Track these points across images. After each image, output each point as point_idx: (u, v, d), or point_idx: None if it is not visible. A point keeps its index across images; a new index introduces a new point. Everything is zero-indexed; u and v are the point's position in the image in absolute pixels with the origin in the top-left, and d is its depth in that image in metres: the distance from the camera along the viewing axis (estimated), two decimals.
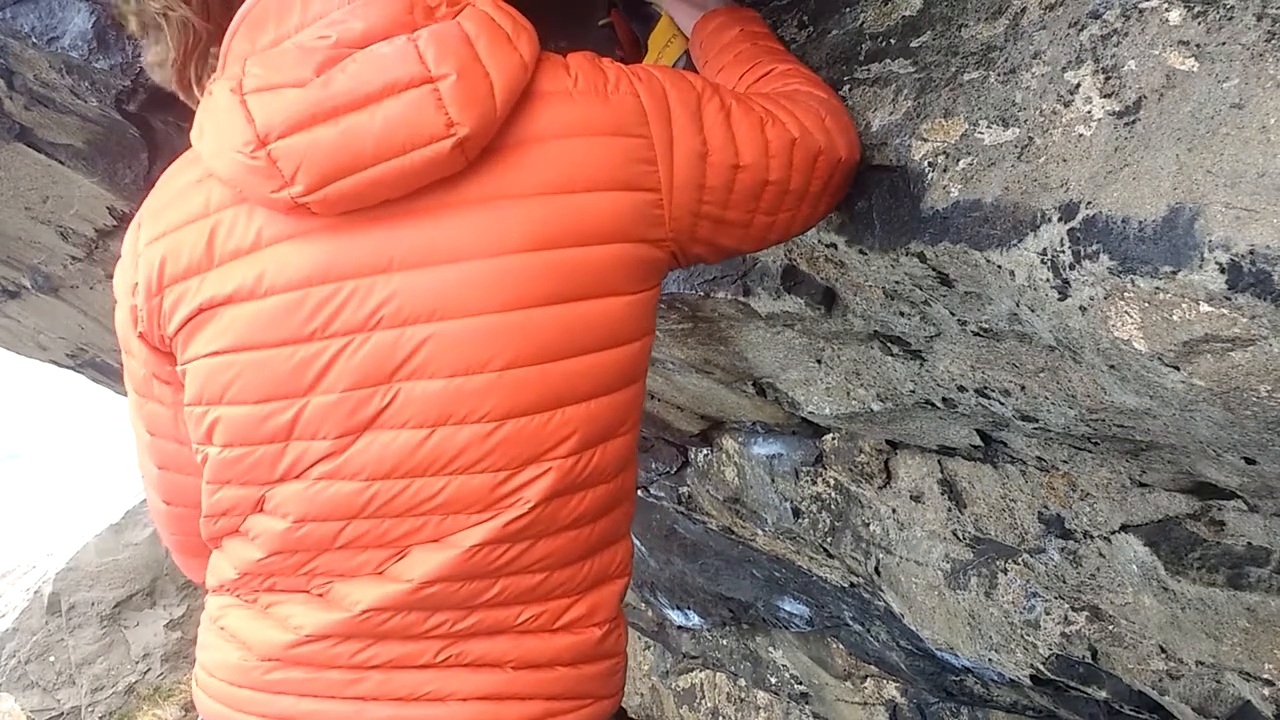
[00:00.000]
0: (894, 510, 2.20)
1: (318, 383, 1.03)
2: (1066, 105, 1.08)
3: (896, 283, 1.36)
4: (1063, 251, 1.06)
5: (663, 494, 3.06)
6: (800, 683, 3.54)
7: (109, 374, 4.05)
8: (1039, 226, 1.08)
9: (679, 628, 3.91)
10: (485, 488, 1.06)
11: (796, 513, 2.46)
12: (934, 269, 1.25)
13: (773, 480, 2.48)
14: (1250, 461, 1.29)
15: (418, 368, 1.01)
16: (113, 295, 1.18)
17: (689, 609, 3.68)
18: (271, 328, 1.02)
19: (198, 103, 1.07)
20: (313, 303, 1.00)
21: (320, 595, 1.13)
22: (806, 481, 2.41)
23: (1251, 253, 0.90)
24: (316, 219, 0.99)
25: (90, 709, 5.72)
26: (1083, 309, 1.07)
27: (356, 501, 1.07)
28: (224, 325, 1.04)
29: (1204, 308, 0.96)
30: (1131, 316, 1.03)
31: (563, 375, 1.04)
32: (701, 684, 4.15)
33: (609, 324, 1.05)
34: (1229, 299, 0.93)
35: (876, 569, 2.32)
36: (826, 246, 1.42)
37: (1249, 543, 1.59)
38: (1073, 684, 2.02)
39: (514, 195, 0.99)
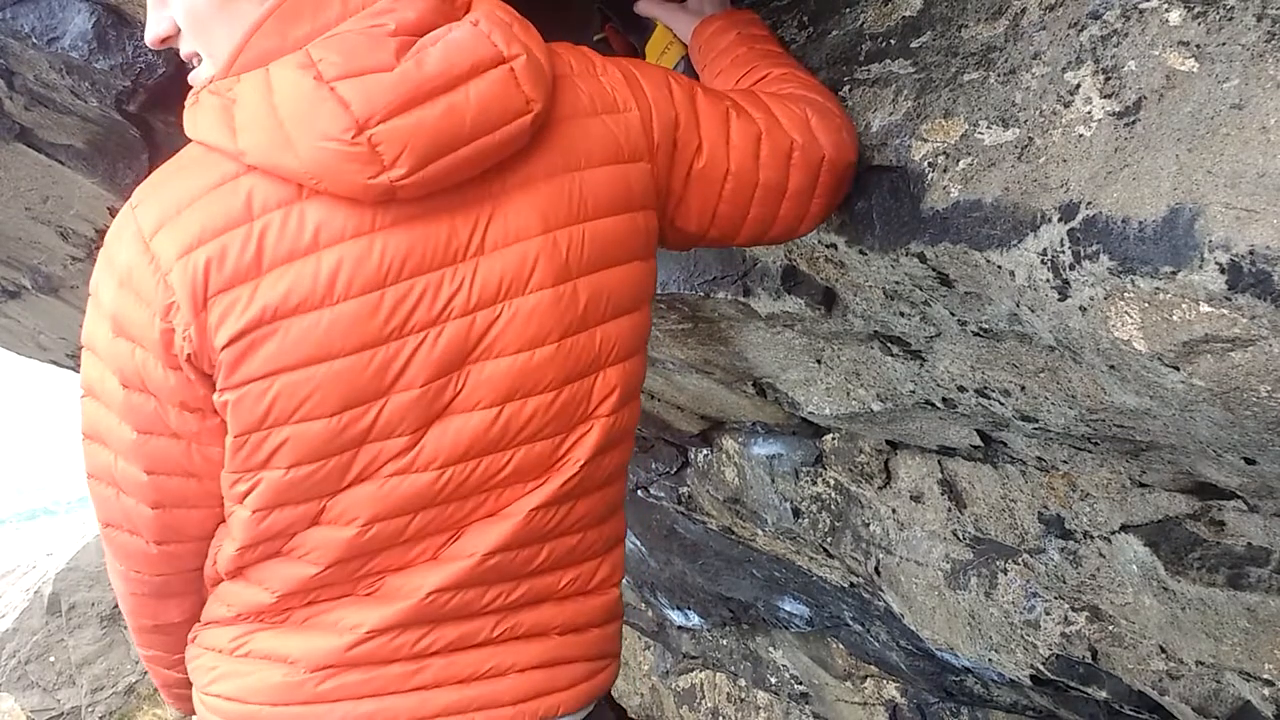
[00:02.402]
0: (894, 510, 2.20)
1: (396, 381, 1.01)
2: (1066, 106, 1.08)
3: (896, 283, 1.36)
4: (1063, 252, 1.06)
5: (663, 494, 3.06)
6: (800, 683, 3.54)
7: None
8: (1039, 227, 1.08)
9: (679, 628, 3.91)
10: (545, 453, 1.11)
11: (796, 513, 2.46)
12: (934, 269, 1.25)
13: (773, 480, 2.48)
14: (1250, 462, 1.29)
15: (486, 349, 1.04)
16: (112, 329, 1.03)
17: (689, 609, 3.68)
18: (351, 334, 0.98)
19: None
20: (390, 303, 0.99)
21: (369, 595, 1.11)
22: (806, 481, 2.41)
23: (1251, 253, 0.90)
24: (381, 215, 0.98)
25: (90, 709, 5.72)
26: (1083, 309, 1.07)
27: (430, 491, 1.07)
28: (293, 339, 0.97)
29: (1204, 308, 0.96)
30: (1131, 317, 1.03)
31: (604, 338, 1.11)
32: (701, 684, 4.15)
33: (634, 287, 1.13)
34: (1229, 299, 0.93)
35: (876, 569, 2.32)
36: (826, 247, 1.42)
37: (1249, 543, 1.59)
38: (1073, 684, 2.02)
39: (555, 173, 1.05)
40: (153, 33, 1.06)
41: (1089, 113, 1.06)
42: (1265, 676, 1.63)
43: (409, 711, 1.13)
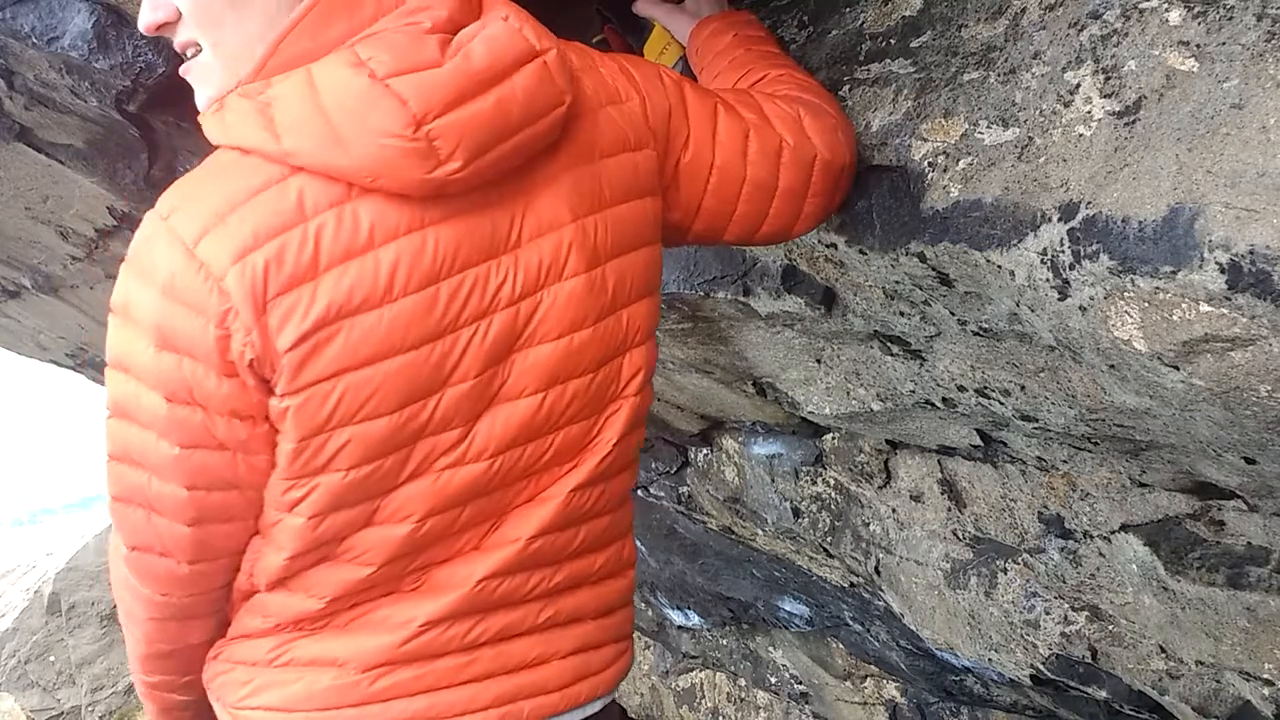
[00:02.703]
0: (894, 510, 2.20)
1: (452, 374, 1.02)
2: (1066, 105, 1.08)
3: (896, 283, 1.36)
4: (1063, 251, 1.06)
5: (663, 494, 3.06)
6: (800, 682, 3.54)
7: None
8: (1039, 226, 1.08)
9: (679, 628, 3.91)
10: (581, 434, 1.14)
11: (796, 512, 2.46)
12: (934, 269, 1.25)
13: (773, 480, 2.48)
14: (1250, 461, 1.29)
15: (530, 336, 1.06)
16: (155, 343, 0.97)
17: (689, 609, 3.68)
18: (411, 329, 0.99)
19: None
20: (445, 296, 1.00)
21: (415, 590, 1.11)
22: (806, 481, 2.41)
23: (1251, 253, 0.90)
24: (431, 210, 0.98)
25: (90, 709, 5.72)
26: (1083, 309, 1.07)
27: (481, 480, 1.08)
28: (357, 337, 0.97)
29: (1204, 308, 0.96)
30: (1131, 316, 1.03)
31: (630, 319, 1.14)
32: (701, 684, 4.15)
33: (650, 270, 1.16)
34: (1229, 299, 0.93)
35: (876, 569, 2.32)
36: (826, 246, 1.42)
37: (1249, 542, 1.59)
38: (1073, 684, 2.02)
39: (576, 164, 1.08)
40: (149, 19, 1.03)
41: (1089, 112, 1.06)
42: (1265, 676, 1.63)
43: (461, 705, 1.14)
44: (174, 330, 0.96)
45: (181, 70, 1.07)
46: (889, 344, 1.61)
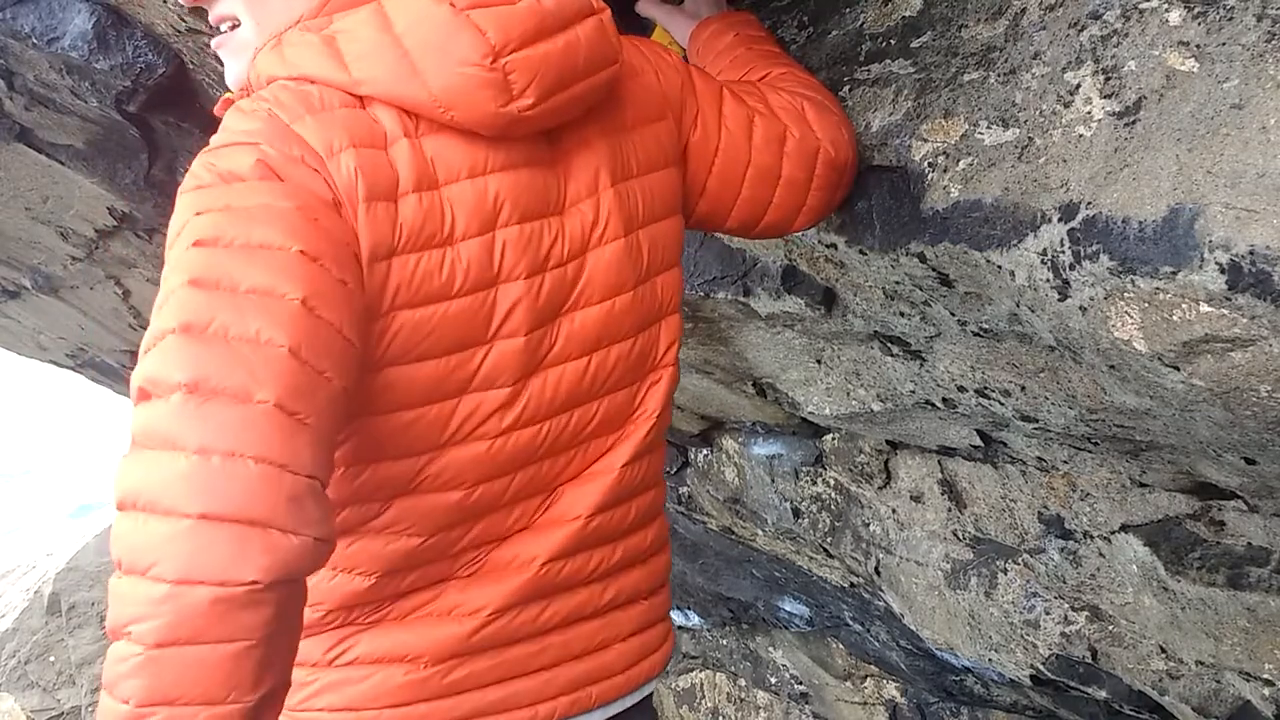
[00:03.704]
0: (894, 510, 2.20)
1: (501, 327, 1.01)
2: (1066, 106, 1.08)
3: (896, 283, 1.36)
4: (1063, 252, 1.06)
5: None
6: (800, 682, 3.55)
7: (109, 374, 4.05)
8: (1039, 227, 1.08)
9: (679, 628, 3.91)
10: (625, 403, 1.13)
11: (796, 513, 2.46)
12: (934, 269, 1.25)
13: (773, 480, 2.48)
14: (1250, 461, 1.29)
15: (576, 300, 1.06)
16: (267, 175, 0.87)
17: (689, 609, 3.68)
18: (469, 274, 0.97)
19: None
20: (500, 245, 0.99)
21: (472, 575, 1.09)
22: (806, 482, 2.41)
23: (1251, 253, 0.90)
24: (492, 156, 0.98)
25: (90, 709, 5.72)
26: (1083, 309, 1.07)
27: (531, 447, 1.06)
28: (421, 274, 0.95)
29: (1204, 308, 0.96)
30: (1132, 317, 1.03)
31: (663, 286, 1.15)
32: (701, 684, 4.15)
33: (676, 239, 1.17)
34: (1229, 299, 0.93)
35: (876, 569, 2.32)
36: (826, 247, 1.42)
37: (1249, 543, 1.59)
38: (1073, 684, 2.02)
39: (609, 132, 1.08)
40: None
41: (1089, 113, 1.06)
42: (1265, 676, 1.64)
43: (533, 694, 1.13)
44: (285, 172, 0.88)
45: (215, 43, 1.06)
46: (889, 344, 1.61)
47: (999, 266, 1.15)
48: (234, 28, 1.03)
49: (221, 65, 1.08)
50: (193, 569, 0.77)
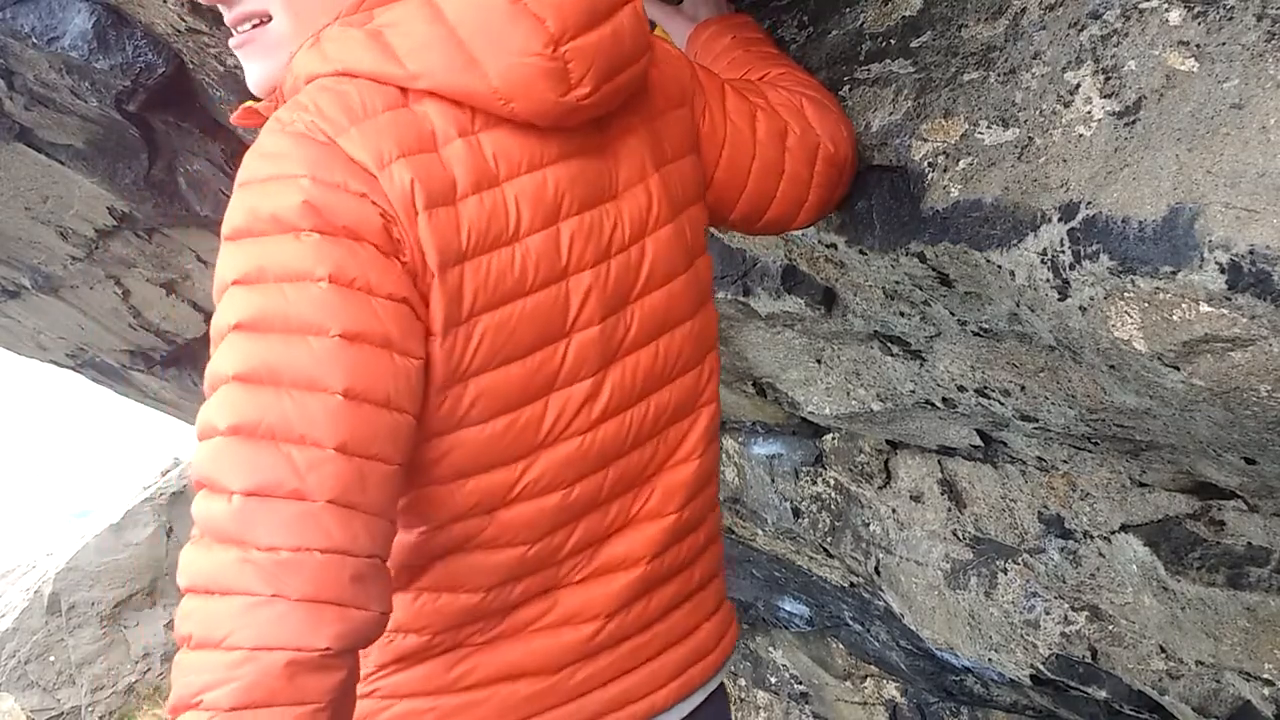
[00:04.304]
0: (894, 510, 2.20)
1: (577, 319, 1.00)
2: (1066, 105, 1.08)
3: (896, 283, 1.36)
4: (1063, 252, 1.06)
5: None
6: (800, 683, 3.54)
7: (109, 374, 4.05)
8: (1039, 227, 1.08)
9: None
10: (692, 387, 1.14)
11: (796, 513, 2.46)
12: (934, 269, 1.25)
13: (773, 480, 2.48)
14: (1250, 461, 1.29)
15: (643, 285, 1.06)
16: (311, 225, 0.85)
17: None
18: (540, 269, 0.96)
19: None
20: (566, 237, 0.98)
21: (581, 580, 1.09)
22: (806, 481, 2.41)
23: (1251, 253, 0.90)
24: (549, 148, 0.97)
25: (90, 709, 5.72)
26: (1083, 309, 1.07)
27: (619, 437, 1.06)
28: (495, 275, 0.93)
29: (1204, 308, 0.96)
30: (1131, 317, 1.03)
31: (703, 268, 1.15)
32: None
33: (705, 225, 1.17)
34: (1229, 299, 0.93)
35: (876, 569, 2.32)
36: (826, 246, 1.42)
37: (1249, 542, 1.59)
38: (1073, 684, 2.02)
39: (644, 120, 1.08)
40: None
41: (1089, 112, 1.06)
42: (1265, 676, 1.63)
43: (647, 684, 1.14)
44: (331, 208, 0.85)
45: (236, 43, 1.00)
46: (889, 344, 1.61)
47: (999, 266, 1.15)
48: (258, 26, 0.98)
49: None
50: (269, 637, 0.81)
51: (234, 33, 1.01)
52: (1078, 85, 1.08)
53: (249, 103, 1.03)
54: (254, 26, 0.98)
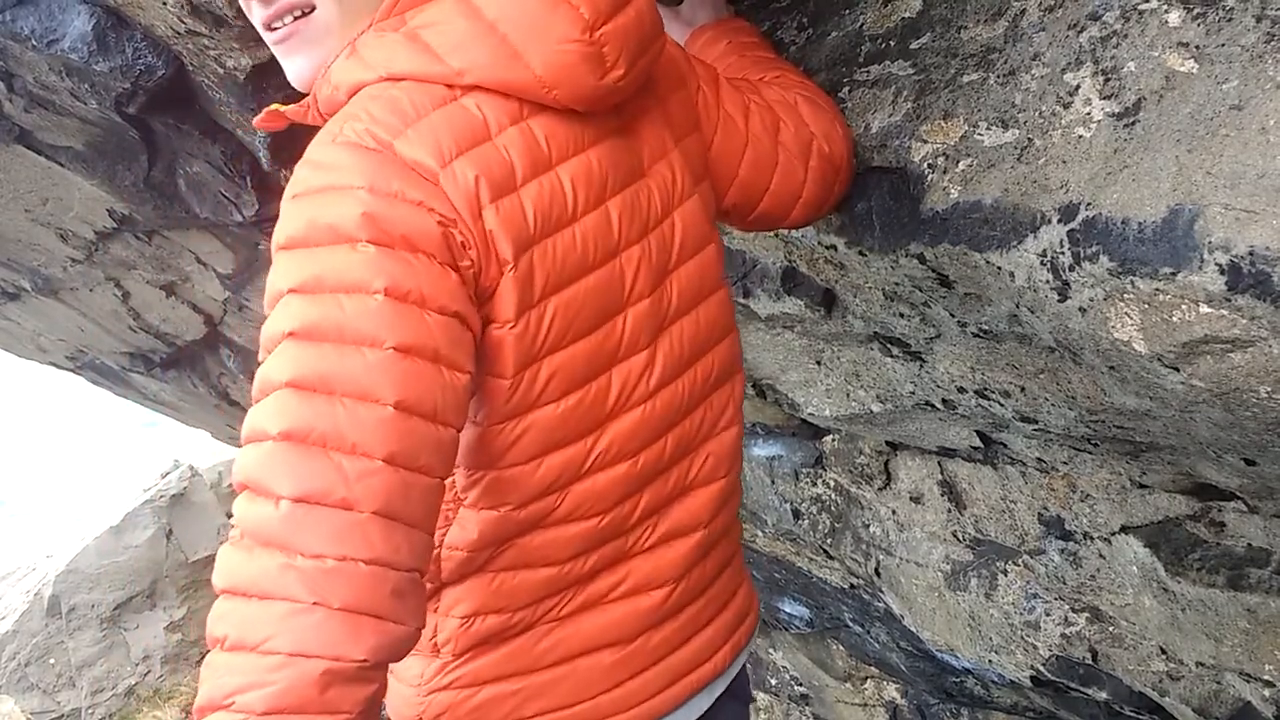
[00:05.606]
0: (894, 511, 2.20)
1: (632, 292, 1.04)
2: (1066, 107, 1.08)
3: (896, 284, 1.36)
4: (1062, 253, 1.06)
5: None
6: (800, 684, 3.54)
7: (109, 376, 4.05)
8: (1039, 228, 1.08)
9: None
10: (727, 354, 1.17)
11: (796, 514, 2.46)
12: (934, 270, 1.25)
13: (773, 482, 2.48)
14: (1250, 463, 1.29)
15: (678, 256, 1.10)
16: (368, 236, 0.86)
17: None
18: (598, 247, 1.00)
19: None
20: (614, 214, 1.02)
21: (650, 548, 1.12)
22: (806, 483, 2.41)
23: (1251, 254, 0.90)
24: (590, 130, 1.01)
25: (90, 711, 5.72)
26: (1083, 310, 1.07)
27: (674, 404, 1.10)
28: (561, 256, 0.97)
29: (1204, 309, 0.96)
30: (1131, 318, 1.03)
31: (719, 245, 1.17)
32: None
33: (712, 204, 1.19)
34: (1229, 300, 0.93)
35: (876, 570, 2.32)
36: (826, 248, 1.42)
37: (1249, 544, 1.59)
38: (1073, 685, 2.02)
39: (656, 100, 1.11)
40: None
41: (1088, 114, 1.06)
42: (1265, 677, 1.63)
43: (710, 645, 1.19)
44: (388, 219, 0.86)
45: (276, 39, 0.99)
46: (889, 346, 1.61)
47: (999, 268, 1.15)
48: (301, 18, 0.97)
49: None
50: (308, 644, 0.82)
51: (266, 31, 1.00)
52: (1077, 87, 1.08)
53: (274, 106, 1.05)
54: (296, 19, 0.98)
